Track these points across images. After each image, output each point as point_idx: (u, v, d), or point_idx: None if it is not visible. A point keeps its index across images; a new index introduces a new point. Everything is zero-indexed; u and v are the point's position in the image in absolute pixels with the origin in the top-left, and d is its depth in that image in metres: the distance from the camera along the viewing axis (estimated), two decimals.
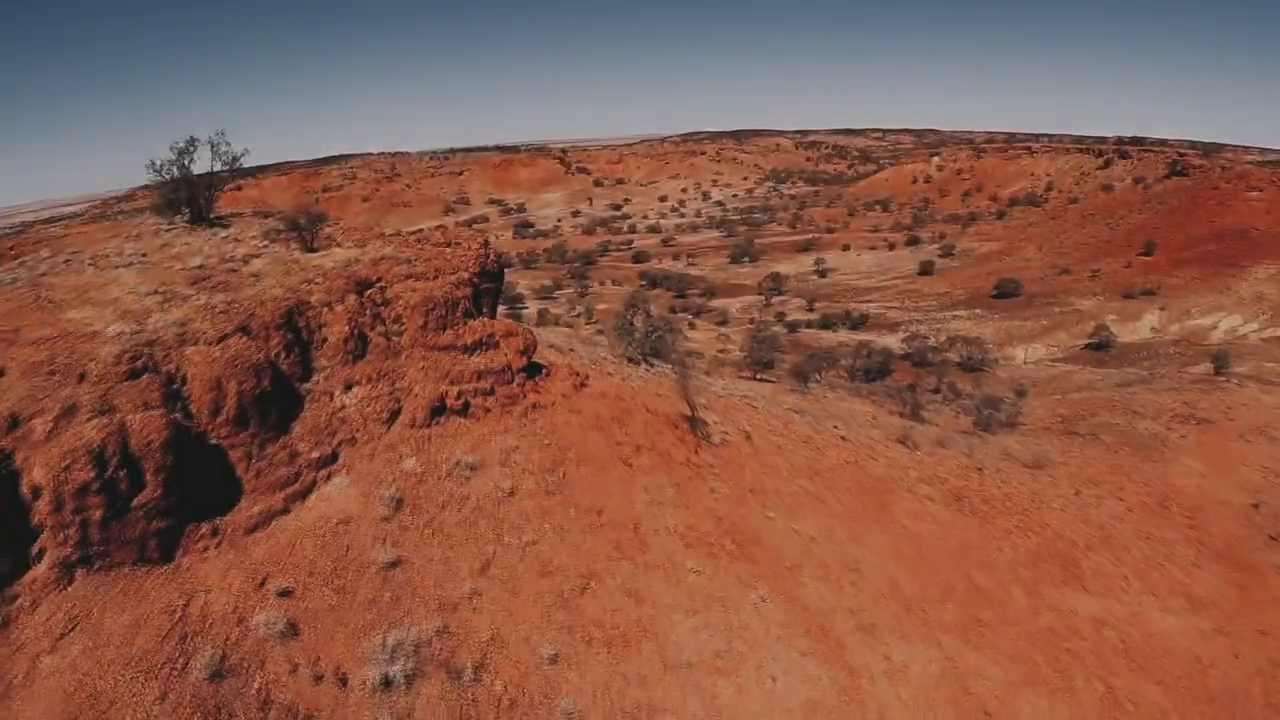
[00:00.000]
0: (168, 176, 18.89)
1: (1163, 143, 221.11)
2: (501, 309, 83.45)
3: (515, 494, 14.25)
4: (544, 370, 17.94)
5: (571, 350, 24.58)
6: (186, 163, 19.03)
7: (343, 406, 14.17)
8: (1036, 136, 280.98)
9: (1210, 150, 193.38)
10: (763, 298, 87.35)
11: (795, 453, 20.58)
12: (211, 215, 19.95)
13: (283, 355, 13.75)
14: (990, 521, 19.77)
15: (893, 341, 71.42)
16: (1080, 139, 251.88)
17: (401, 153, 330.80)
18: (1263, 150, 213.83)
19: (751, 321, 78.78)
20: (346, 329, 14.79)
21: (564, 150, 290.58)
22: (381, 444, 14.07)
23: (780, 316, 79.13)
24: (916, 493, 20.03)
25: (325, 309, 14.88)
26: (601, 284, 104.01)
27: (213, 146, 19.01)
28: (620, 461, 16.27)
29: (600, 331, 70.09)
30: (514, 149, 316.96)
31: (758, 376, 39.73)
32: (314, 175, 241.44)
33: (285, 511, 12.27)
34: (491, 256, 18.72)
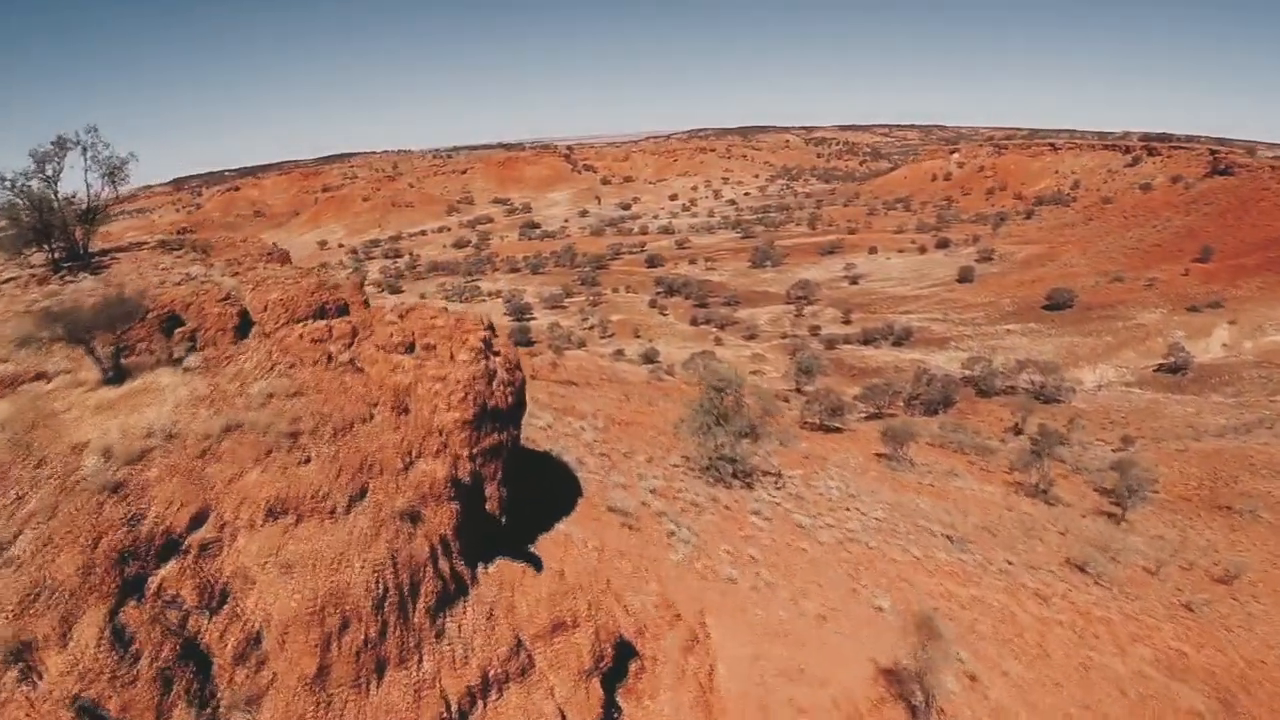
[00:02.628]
0: (22, 198, 12.06)
1: (1190, 139, 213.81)
2: (508, 320, 75.64)
3: None
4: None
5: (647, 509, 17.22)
6: (51, 174, 12.26)
7: None
8: (1039, 131, 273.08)
9: (1218, 144, 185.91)
10: (793, 308, 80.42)
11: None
12: (90, 252, 13.15)
13: None
14: None
15: (943, 360, 64.54)
16: (1099, 135, 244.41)
17: (404, 150, 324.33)
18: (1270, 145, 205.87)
19: (784, 335, 71.96)
20: None
21: (569, 148, 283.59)
22: None
23: (815, 330, 72.24)
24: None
25: None
26: (614, 290, 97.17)
27: (84, 149, 12.25)
28: None
29: (620, 353, 63.31)
30: (518, 147, 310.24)
31: (824, 426, 32.89)
32: (314, 174, 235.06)
33: None
34: (501, 376, 12.02)
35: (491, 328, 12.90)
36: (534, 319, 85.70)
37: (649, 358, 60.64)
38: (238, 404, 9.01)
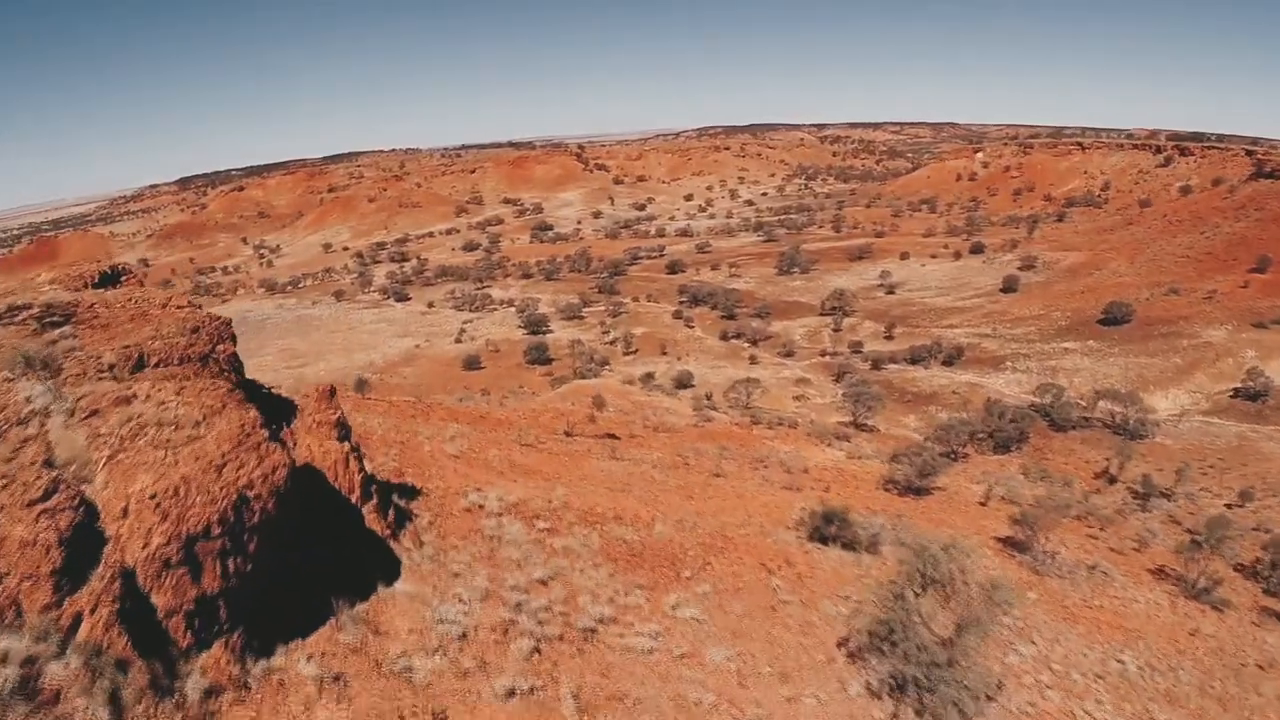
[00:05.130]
0: None
1: (1221, 138, 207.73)
2: (524, 335, 70.75)
3: None
4: None
5: None
6: None
7: None
8: (1053, 128, 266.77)
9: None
10: (830, 321, 75.19)
11: None
12: None
13: None
14: None
15: (1002, 383, 59.38)
16: (1115, 132, 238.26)
17: (412, 149, 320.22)
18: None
19: (824, 353, 66.78)
20: None
21: (581, 146, 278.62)
22: None
23: (856, 347, 67.06)
24: None
25: None
26: (635, 300, 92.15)
27: None
28: None
29: (649, 376, 58.20)
30: (528, 145, 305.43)
31: (915, 488, 27.73)
32: (320, 174, 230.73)
33: None
34: None
35: None
36: (551, 332, 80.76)
37: (683, 382, 55.69)
38: None
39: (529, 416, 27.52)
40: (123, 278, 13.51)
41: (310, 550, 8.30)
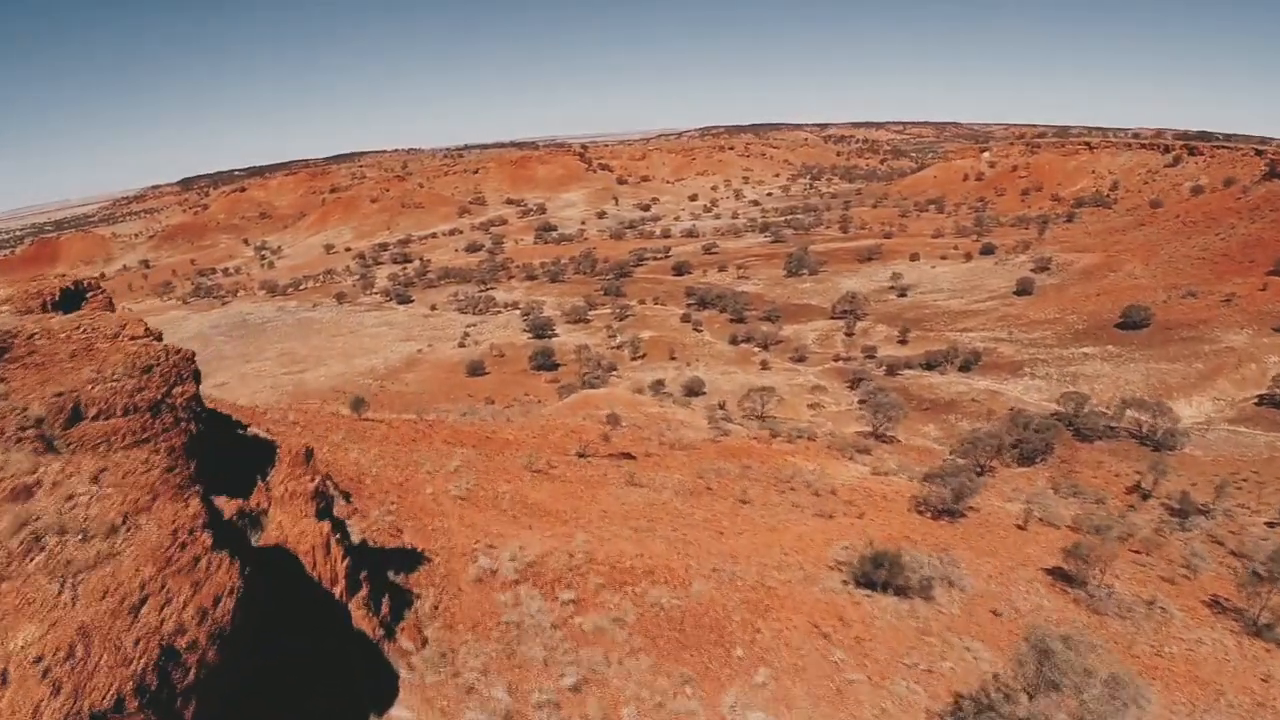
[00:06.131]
0: None
1: (1229, 137, 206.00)
2: (529, 339, 69.16)
3: None
4: None
5: None
6: None
7: None
8: (1054, 127, 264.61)
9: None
10: (842, 324, 73.50)
11: None
12: None
13: None
14: None
15: (1020, 390, 57.75)
16: (1119, 131, 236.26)
17: (414, 149, 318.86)
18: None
19: (837, 358, 65.09)
20: None
21: (584, 146, 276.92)
22: None
23: (870, 352, 65.38)
24: None
25: None
26: (641, 302, 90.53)
27: None
28: None
29: (660, 384, 56.58)
30: (531, 145, 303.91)
31: (949, 510, 26.12)
32: (322, 174, 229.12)
33: None
34: None
35: None
36: (556, 336, 79.17)
37: (693, 390, 54.06)
38: None
39: (538, 435, 25.95)
40: (88, 295, 11.90)
41: (281, 644, 6.70)
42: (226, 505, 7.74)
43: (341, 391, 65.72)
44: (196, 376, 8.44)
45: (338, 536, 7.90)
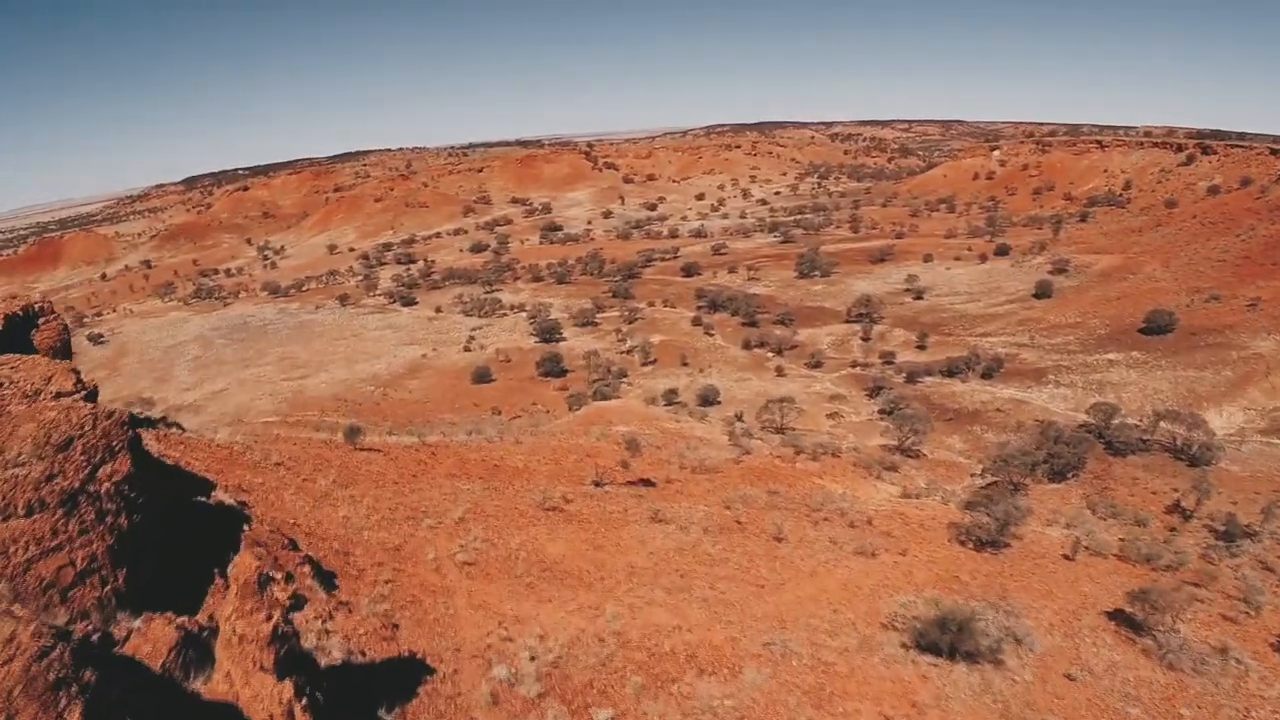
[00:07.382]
0: None
1: (1242, 136, 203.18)
2: (536, 343, 67.39)
3: None
4: None
5: None
6: None
7: None
8: (1060, 124, 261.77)
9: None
10: (858, 329, 71.58)
11: None
12: None
13: None
14: None
15: (1045, 398, 55.83)
16: (1128, 129, 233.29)
17: (419, 148, 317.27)
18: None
19: (854, 364, 63.17)
20: None
21: (589, 144, 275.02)
22: None
23: (888, 358, 63.49)
24: None
25: None
26: (650, 304, 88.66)
27: None
28: None
29: (672, 393, 54.73)
30: (536, 144, 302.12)
31: (990, 541, 24.29)
32: (326, 173, 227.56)
33: None
34: None
35: None
36: (564, 340, 77.42)
37: (708, 399, 52.24)
38: None
39: (550, 460, 24.20)
40: (39, 322, 10.12)
41: None
42: (162, 634, 6.01)
43: (343, 400, 63.98)
44: (130, 446, 6.70)
45: (303, 703, 6.00)
